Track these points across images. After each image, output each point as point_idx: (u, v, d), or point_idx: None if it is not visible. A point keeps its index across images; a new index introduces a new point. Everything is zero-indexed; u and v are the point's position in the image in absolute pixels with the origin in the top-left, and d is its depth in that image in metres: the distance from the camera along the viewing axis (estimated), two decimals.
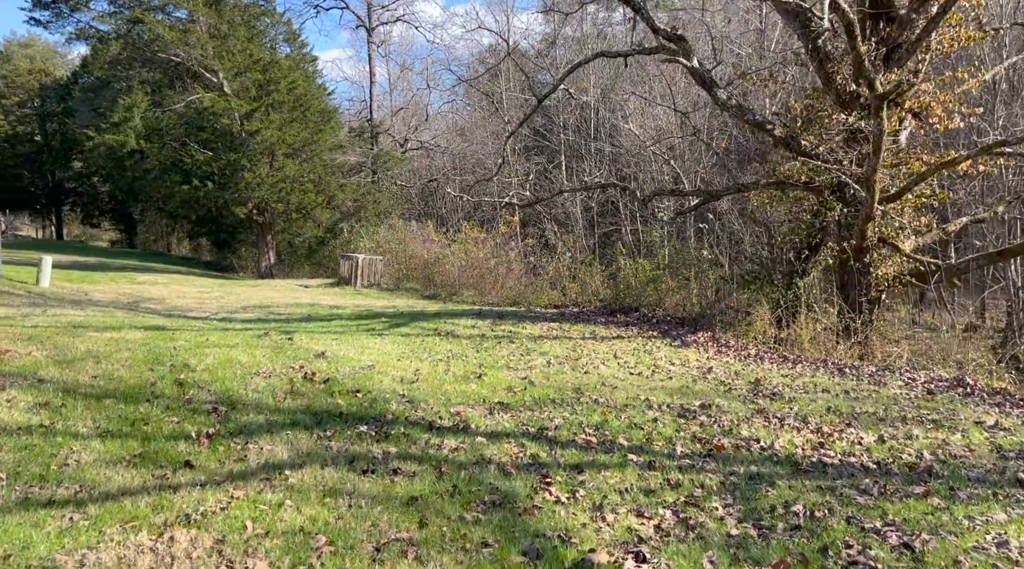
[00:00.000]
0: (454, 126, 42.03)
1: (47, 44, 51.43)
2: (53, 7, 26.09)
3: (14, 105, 49.43)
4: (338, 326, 11.04)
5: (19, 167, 49.00)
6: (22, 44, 51.42)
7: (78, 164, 45.74)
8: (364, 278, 22.89)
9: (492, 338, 10.45)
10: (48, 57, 51.46)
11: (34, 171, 49.55)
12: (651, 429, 5.81)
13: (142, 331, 8.27)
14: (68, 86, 45.56)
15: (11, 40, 51.62)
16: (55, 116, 46.26)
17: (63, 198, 52.04)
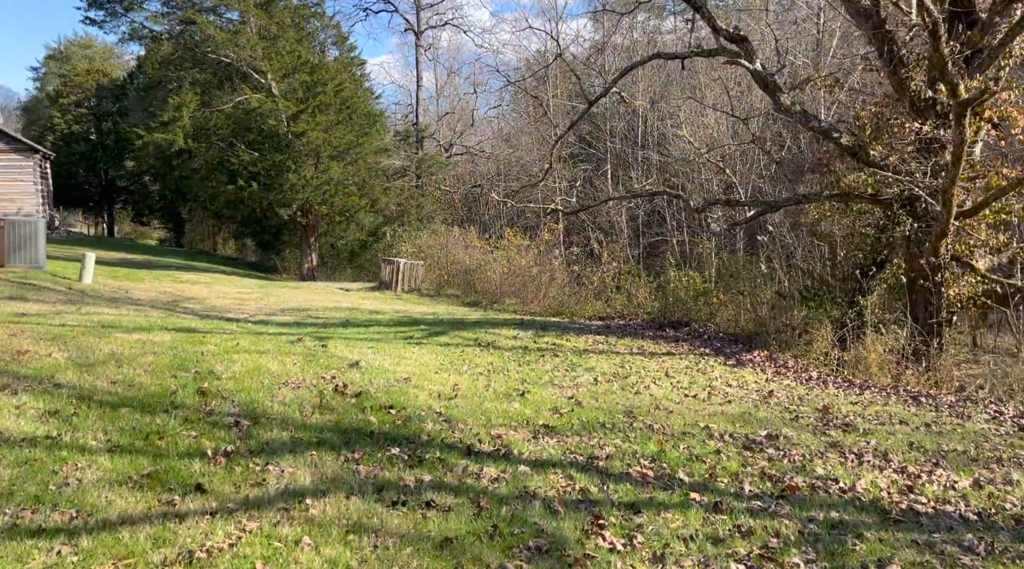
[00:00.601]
0: (499, 132, 41.71)
1: (105, 45, 52.62)
2: (107, 6, 26.43)
3: (71, 104, 50.59)
4: (375, 333, 10.62)
5: (74, 165, 50.07)
6: (81, 44, 52.68)
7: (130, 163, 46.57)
8: (405, 283, 22.56)
9: (535, 351, 9.91)
10: (106, 57, 52.62)
11: (88, 169, 50.61)
12: (714, 462, 5.21)
13: (172, 333, 7.93)
14: (123, 86, 46.47)
15: (71, 40, 52.91)
16: (110, 116, 47.19)
17: (115, 196, 53.06)
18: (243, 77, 26.97)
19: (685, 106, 29.74)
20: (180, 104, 25.62)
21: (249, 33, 26.84)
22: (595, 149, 39.58)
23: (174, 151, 26.89)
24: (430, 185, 34.91)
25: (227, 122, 27.08)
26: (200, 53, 27.63)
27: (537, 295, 19.21)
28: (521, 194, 28.72)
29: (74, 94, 50.49)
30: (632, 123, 39.86)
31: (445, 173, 36.00)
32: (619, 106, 37.83)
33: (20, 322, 7.48)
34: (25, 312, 8.44)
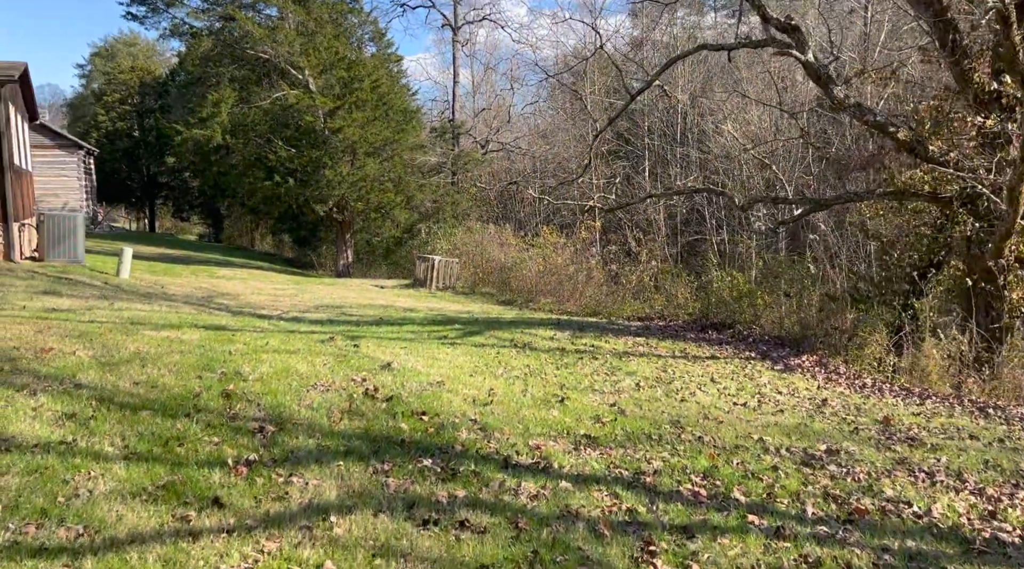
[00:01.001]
0: (536, 129, 41.33)
1: (148, 43, 53.33)
2: (149, 2, 26.63)
3: (115, 101, 51.43)
4: (409, 332, 10.35)
5: (117, 161, 50.92)
6: (126, 42, 53.51)
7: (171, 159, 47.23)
8: (439, 280, 22.33)
9: (573, 353, 9.54)
10: (149, 55, 53.38)
11: (131, 165, 51.40)
12: (771, 480, 4.80)
13: (201, 331, 7.74)
14: (165, 83, 47.07)
15: (116, 38, 53.77)
16: (152, 112, 47.83)
17: (156, 192, 53.86)
18: (281, 73, 26.99)
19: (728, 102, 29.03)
20: (218, 100, 25.71)
21: (287, 29, 26.84)
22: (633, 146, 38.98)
23: (212, 147, 27.03)
24: (466, 182, 34.67)
25: (265, 118, 27.14)
26: (239, 49, 27.71)
27: (574, 294, 18.82)
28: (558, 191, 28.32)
29: (118, 91, 51.32)
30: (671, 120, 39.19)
31: (481, 170, 35.73)
32: (658, 102, 37.18)
33: (49, 318, 7.34)
34: (57, 307, 8.32)
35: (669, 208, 35.57)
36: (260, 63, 27.93)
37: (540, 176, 36.32)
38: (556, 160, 38.41)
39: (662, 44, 39.42)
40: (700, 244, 36.60)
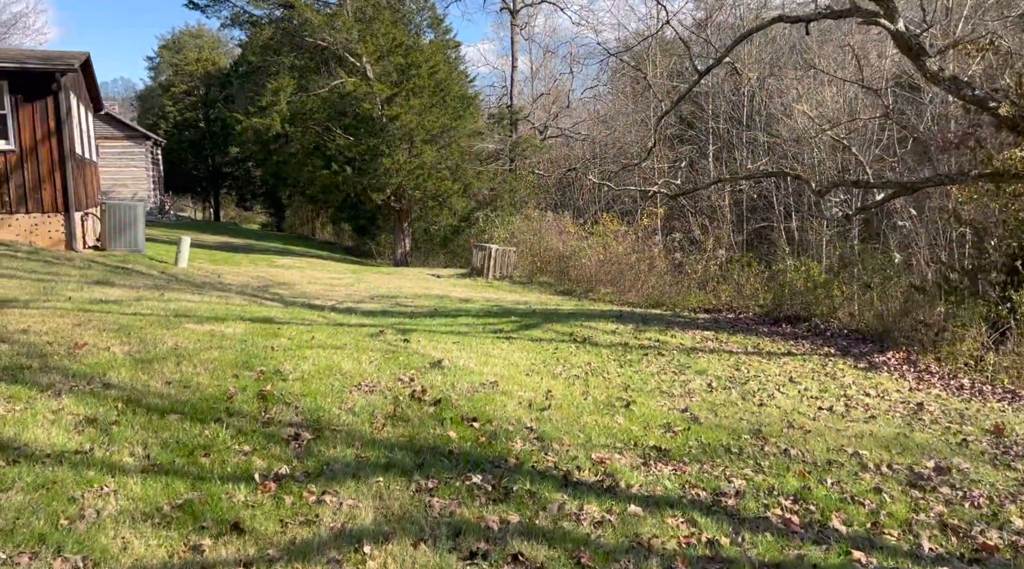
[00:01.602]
0: (596, 114, 40.41)
1: (214, 34, 54.26)
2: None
3: (182, 93, 52.56)
4: (463, 324, 9.88)
5: (184, 152, 52.09)
6: (192, 34, 54.55)
7: (234, 149, 48.06)
8: (496, 270, 21.86)
9: (637, 348, 8.92)
10: (214, 46, 54.31)
11: (196, 156, 52.51)
12: (875, 505, 4.13)
13: (246, 324, 7.40)
14: (229, 74, 47.78)
15: (183, 31, 54.88)
16: (217, 103, 48.66)
17: (220, 182, 54.91)
18: (339, 61, 26.85)
19: (801, 81, 27.65)
20: (277, 89, 25.72)
21: (345, 15, 26.67)
22: (697, 130, 37.80)
23: (272, 136, 27.12)
24: (524, 169, 34.10)
25: (323, 106, 27.07)
26: (298, 37, 27.70)
27: (635, 284, 18.10)
28: (619, 177, 27.49)
29: (184, 83, 52.42)
30: (737, 102, 37.87)
31: (539, 157, 35.09)
32: (724, 84, 35.90)
33: (92, 310, 7.10)
34: (104, 298, 8.13)
35: (735, 194, 34.34)
36: (318, 51, 27.86)
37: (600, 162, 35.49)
38: (617, 145, 37.47)
39: (728, 25, 37.99)
40: (767, 231, 35.29)
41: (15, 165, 14.26)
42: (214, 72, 51.27)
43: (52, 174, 14.51)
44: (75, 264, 12.24)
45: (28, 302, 7.08)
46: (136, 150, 41.92)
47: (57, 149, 14.47)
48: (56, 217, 14.69)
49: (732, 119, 37.63)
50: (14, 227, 14.40)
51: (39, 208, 14.54)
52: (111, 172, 41.38)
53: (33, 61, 14.41)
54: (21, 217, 14.42)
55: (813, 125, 23.85)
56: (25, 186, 14.38)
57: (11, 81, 14.02)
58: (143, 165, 42.07)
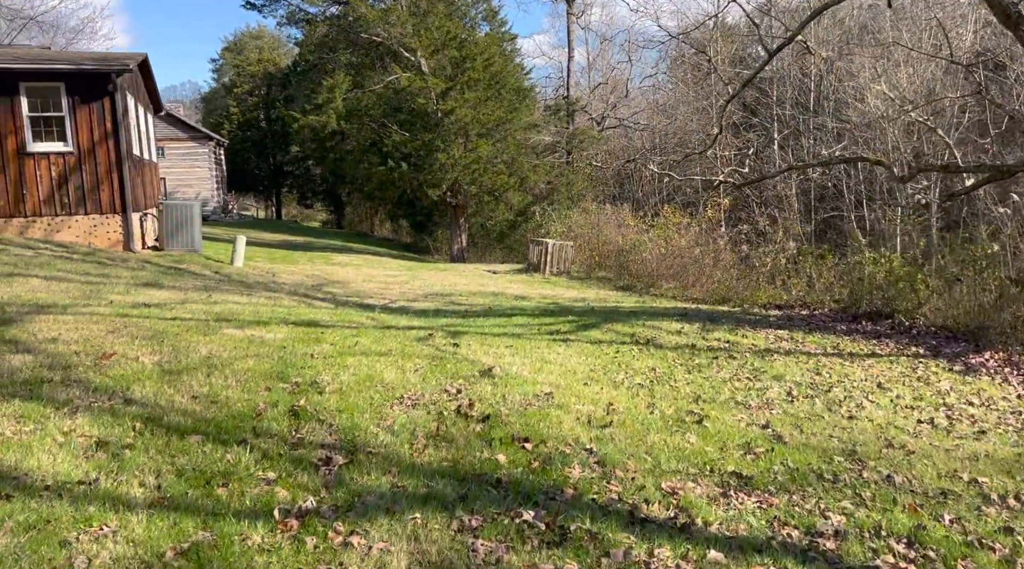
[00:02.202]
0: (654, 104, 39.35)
1: (274, 35, 55.04)
2: None
3: (244, 93, 53.51)
4: (518, 325, 9.35)
5: (247, 151, 53.04)
6: (252, 35, 55.45)
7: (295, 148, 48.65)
8: (553, 265, 21.28)
9: (705, 351, 8.24)
10: (275, 47, 55.09)
11: (258, 155, 53.41)
12: (1007, 550, 3.43)
13: (289, 328, 7.03)
14: (288, 74, 48.34)
15: (244, 32, 55.83)
16: (278, 102, 49.33)
17: (282, 180, 55.73)
18: (393, 56, 26.64)
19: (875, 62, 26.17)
20: (333, 86, 25.66)
21: (399, 10, 26.44)
22: (761, 117, 36.46)
23: (328, 133, 27.12)
24: (581, 161, 33.36)
25: (378, 103, 26.92)
26: (352, 34, 27.61)
27: (699, 279, 17.28)
28: (681, 167, 26.53)
29: (246, 83, 53.35)
30: (804, 87, 36.39)
31: (597, 148, 34.28)
32: (790, 68, 34.50)
33: (130, 315, 6.84)
34: (148, 302, 7.89)
35: (802, 182, 32.97)
36: (373, 47, 27.72)
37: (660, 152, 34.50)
38: (677, 135, 36.39)
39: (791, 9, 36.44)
40: (837, 221, 33.75)
41: (74, 166, 14.36)
42: (274, 72, 52.01)
43: (110, 175, 14.57)
44: (129, 265, 12.20)
45: (67, 307, 6.85)
46: (200, 151, 42.80)
47: (114, 150, 14.53)
48: (114, 218, 14.76)
49: (798, 105, 36.16)
50: (74, 228, 14.52)
51: (97, 209, 14.62)
52: (176, 173, 42.37)
53: (89, 62, 14.48)
54: (80, 218, 14.54)
55: (892, 107, 22.47)
56: (83, 187, 14.48)
57: (68, 83, 14.10)
58: (206, 165, 42.92)
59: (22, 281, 8.31)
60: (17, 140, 13.94)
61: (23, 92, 13.87)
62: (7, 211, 14.07)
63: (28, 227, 14.20)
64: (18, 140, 13.94)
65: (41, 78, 13.99)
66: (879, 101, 26.59)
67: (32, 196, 14.19)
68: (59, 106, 14.15)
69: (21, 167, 14.04)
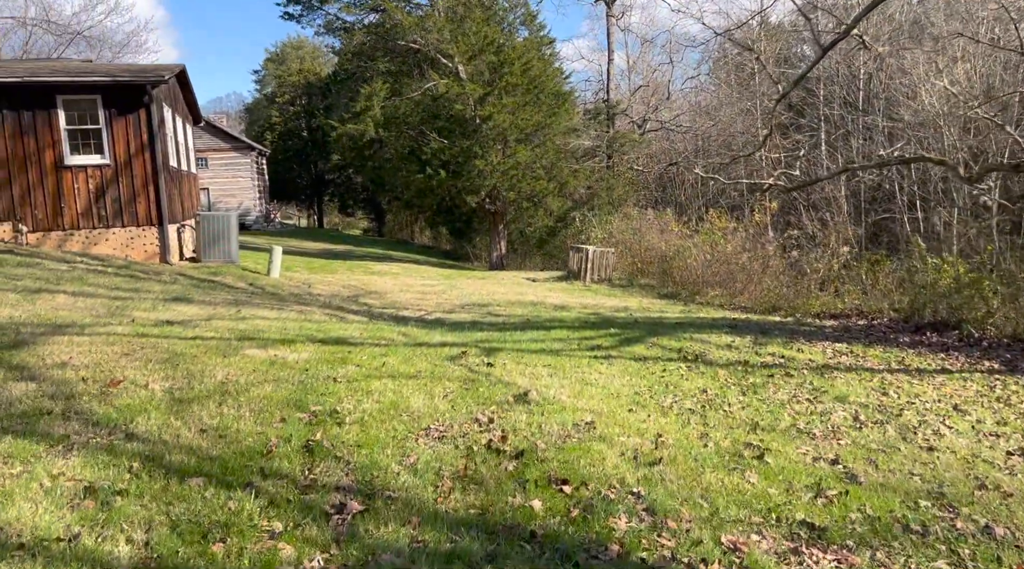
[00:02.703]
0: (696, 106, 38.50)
1: (315, 45, 55.52)
2: (304, 0, 26.96)
3: (286, 103, 54.08)
4: (557, 339, 8.87)
5: (289, 161, 53.57)
6: (294, 46, 56.04)
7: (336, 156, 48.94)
8: (594, 272, 20.73)
9: (759, 368, 7.65)
10: (315, 57, 55.57)
11: (300, 164, 53.87)
12: None
13: (315, 347, 6.66)
14: (328, 83, 48.66)
15: (285, 43, 56.46)
16: (318, 111, 49.69)
17: (323, 189, 56.13)
18: (431, 63, 26.42)
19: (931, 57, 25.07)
20: (371, 94, 25.54)
21: (436, 16, 26.23)
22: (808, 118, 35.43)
23: (366, 141, 26.97)
24: (622, 166, 32.72)
25: (416, 110, 26.71)
26: (390, 41, 27.48)
27: (748, 286, 16.57)
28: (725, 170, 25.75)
29: (288, 93, 53.92)
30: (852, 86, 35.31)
31: (637, 152, 33.60)
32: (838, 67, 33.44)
33: (149, 335, 6.53)
34: (172, 319, 7.60)
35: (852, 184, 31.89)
36: (411, 54, 27.56)
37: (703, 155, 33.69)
38: (720, 137, 35.52)
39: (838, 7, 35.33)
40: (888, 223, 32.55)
41: (110, 179, 14.33)
42: (315, 82, 52.44)
43: (146, 187, 14.51)
44: (162, 279, 12.04)
45: (86, 327, 6.59)
46: (242, 161, 43.25)
47: (150, 161, 14.46)
48: (150, 230, 14.70)
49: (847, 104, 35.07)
50: (111, 241, 14.48)
51: (134, 221, 14.57)
52: (219, 183, 42.90)
53: (125, 74, 14.45)
54: (117, 231, 14.49)
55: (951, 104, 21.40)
56: (120, 200, 14.44)
57: (104, 95, 14.08)
58: (249, 175, 43.36)
59: (48, 298, 8.11)
60: (55, 153, 13.96)
61: (60, 105, 13.89)
62: (45, 225, 14.10)
63: (66, 240, 14.20)
64: (56, 153, 13.96)
65: (78, 91, 13.99)
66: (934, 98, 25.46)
67: (70, 209, 14.19)
68: (96, 119, 14.13)
69: (59, 180, 14.05)
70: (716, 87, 40.03)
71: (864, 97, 34.42)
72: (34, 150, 13.84)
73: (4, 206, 13.90)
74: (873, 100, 33.71)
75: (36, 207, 14.01)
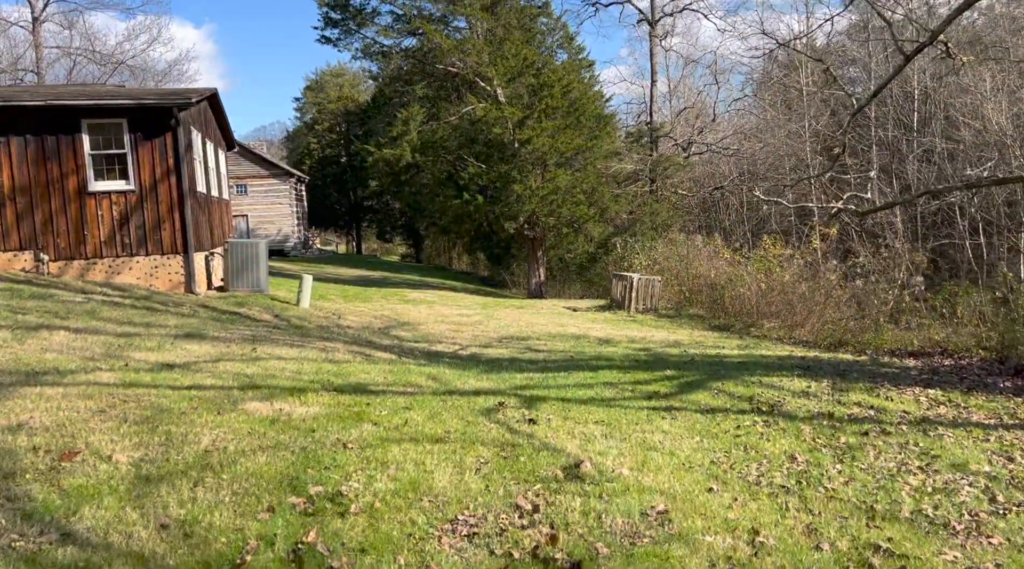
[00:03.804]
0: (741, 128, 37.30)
1: (355, 72, 55.66)
2: (342, 24, 26.58)
3: (325, 130, 54.21)
4: (606, 383, 7.81)
5: (327, 187, 53.51)
6: (334, 74, 56.29)
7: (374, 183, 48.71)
8: (639, 301, 19.61)
9: (848, 423, 6.49)
10: (355, 84, 55.70)
11: (339, 190, 53.76)
12: None
13: (329, 397, 5.72)
14: (367, 110, 48.59)
15: (325, 71, 56.75)
16: (356, 138, 49.60)
17: (362, 215, 55.93)
18: (469, 86, 25.77)
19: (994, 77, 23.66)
20: (408, 118, 24.95)
21: (475, 39, 25.64)
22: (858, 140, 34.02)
23: (403, 166, 26.34)
24: (665, 190, 31.61)
25: (453, 134, 26.03)
26: (428, 65, 26.95)
27: (808, 318, 15.30)
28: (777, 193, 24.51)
29: (327, 120, 54.06)
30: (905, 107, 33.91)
31: (683, 175, 32.45)
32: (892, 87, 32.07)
33: (138, 384, 5.66)
34: (174, 362, 6.74)
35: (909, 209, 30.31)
36: (449, 78, 26.98)
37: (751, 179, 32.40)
38: (769, 160, 34.22)
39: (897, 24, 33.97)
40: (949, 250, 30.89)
41: (135, 205, 13.75)
42: (353, 109, 52.47)
43: (171, 214, 13.90)
44: (181, 311, 11.29)
45: (67, 374, 5.74)
46: (281, 187, 43.16)
47: (176, 187, 13.86)
48: (175, 258, 14.06)
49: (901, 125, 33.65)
50: (135, 270, 13.87)
51: (159, 249, 13.95)
52: (259, 210, 42.83)
53: (151, 97, 13.93)
54: (141, 259, 13.88)
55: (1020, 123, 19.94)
56: (145, 227, 13.84)
57: (130, 118, 13.55)
58: (287, 201, 43.23)
59: (45, 335, 7.33)
60: (79, 179, 13.43)
61: (85, 129, 13.38)
62: (68, 253, 13.54)
63: (88, 269, 13.61)
64: (80, 179, 13.43)
65: (103, 114, 13.47)
66: (1002, 116, 23.97)
67: (93, 237, 13.62)
68: (121, 143, 13.60)
69: (82, 207, 13.51)
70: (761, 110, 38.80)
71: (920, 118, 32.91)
72: (57, 176, 13.33)
73: (26, 234, 13.39)
74: (932, 119, 32.19)
75: (58, 235, 13.46)
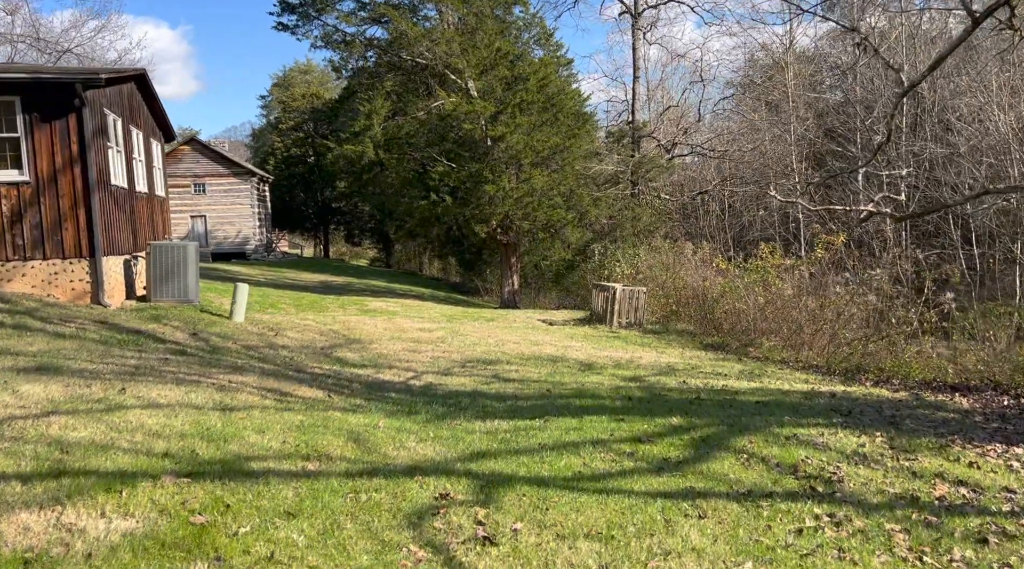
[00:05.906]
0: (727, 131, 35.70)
1: (322, 69, 53.28)
2: (300, 9, 24.42)
3: (290, 128, 51.75)
4: (595, 444, 5.83)
5: (294, 188, 51.08)
6: (301, 70, 53.96)
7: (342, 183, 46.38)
8: (623, 315, 17.69)
9: (945, 514, 4.56)
10: (323, 81, 53.37)
11: (305, 191, 51.30)
12: None
13: (173, 488, 3.65)
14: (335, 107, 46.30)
15: (292, 68, 54.36)
16: (324, 137, 47.25)
17: (329, 217, 53.53)
18: (439, 79, 23.70)
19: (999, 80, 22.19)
20: (371, 111, 22.83)
21: (445, 27, 23.63)
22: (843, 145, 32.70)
23: (365, 164, 24.18)
24: (648, 194, 29.80)
25: (420, 130, 23.93)
26: (393, 55, 24.87)
27: (816, 337, 13.47)
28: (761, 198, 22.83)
29: (292, 118, 51.59)
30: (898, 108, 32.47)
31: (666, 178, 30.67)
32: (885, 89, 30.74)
33: None
34: None
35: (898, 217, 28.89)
36: (417, 70, 24.88)
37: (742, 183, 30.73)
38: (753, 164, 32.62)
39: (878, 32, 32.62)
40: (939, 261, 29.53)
41: (30, 200, 11.50)
42: (320, 106, 50.11)
43: (75, 210, 11.67)
44: (64, 330, 9.10)
45: None
46: (242, 187, 40.74)
47: (81, 179, 11.63)
48: (80, 263, 11.83)
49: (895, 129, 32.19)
50: (29, 276, 11.61)
51: (58, 252, 11.71)
52: (217, 210, 40.37)
53: (50, 73, 11.73)
54: (37, 264, 11.62)
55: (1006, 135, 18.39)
56: (42, 226, 11.59)
57: (24, 96, 11.30)
58: (248, 202, 40.82)
59: None
60: None
61: None
62: None
63: None
64: None
65: None
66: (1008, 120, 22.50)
67: None
68: (13, 125, 11.36)
69: None
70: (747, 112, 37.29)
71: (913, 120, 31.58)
72: None
73: None
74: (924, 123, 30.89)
75: None
